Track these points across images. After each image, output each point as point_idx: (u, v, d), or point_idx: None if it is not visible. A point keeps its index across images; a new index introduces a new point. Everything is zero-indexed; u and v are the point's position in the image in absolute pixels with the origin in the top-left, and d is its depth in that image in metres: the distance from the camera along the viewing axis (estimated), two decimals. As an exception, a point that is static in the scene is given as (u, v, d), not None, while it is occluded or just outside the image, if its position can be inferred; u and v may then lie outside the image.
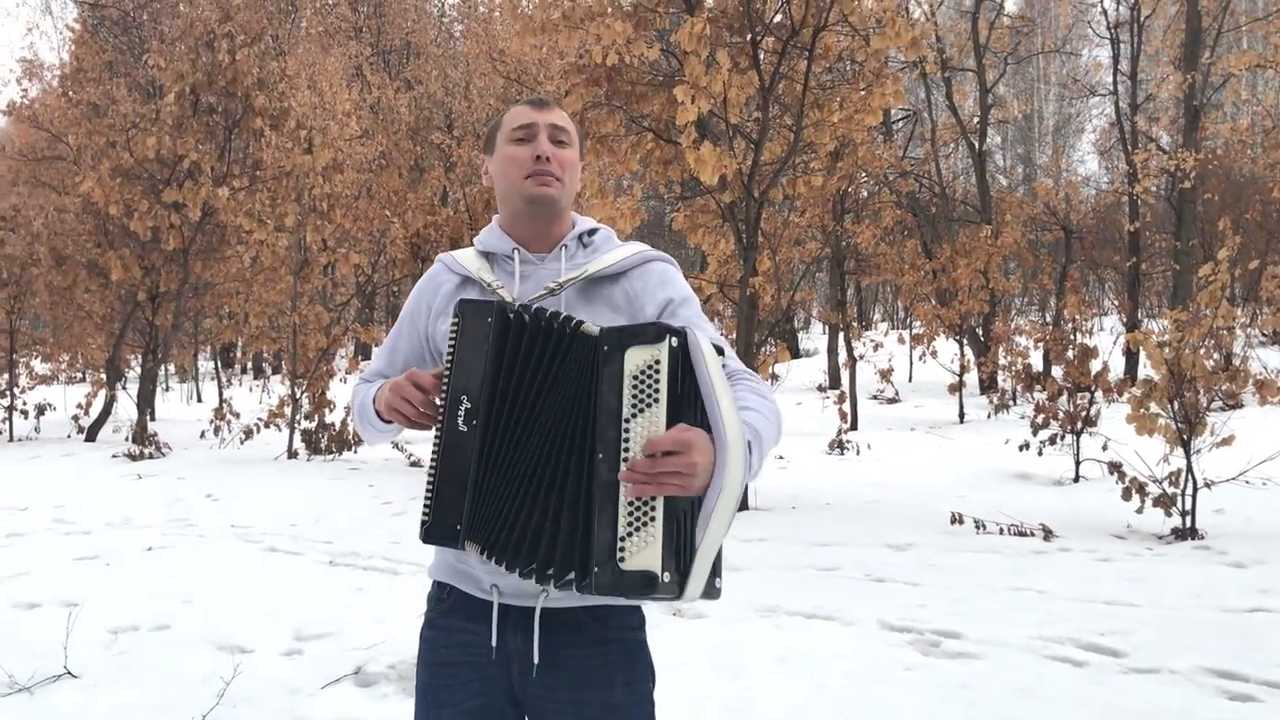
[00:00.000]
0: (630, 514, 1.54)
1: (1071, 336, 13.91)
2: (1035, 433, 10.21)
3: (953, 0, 28.19)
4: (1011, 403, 17.05)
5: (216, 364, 24.37)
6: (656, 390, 1.56)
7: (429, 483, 1.79)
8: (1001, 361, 18.28)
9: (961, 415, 16.40)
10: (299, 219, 12.57)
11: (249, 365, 34.08)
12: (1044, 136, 45.67)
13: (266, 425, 12.87)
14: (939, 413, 17.42)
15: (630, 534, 1.53)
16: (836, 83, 10.30)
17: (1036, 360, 19.06)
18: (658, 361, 1.56)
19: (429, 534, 1.78)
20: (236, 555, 7.05)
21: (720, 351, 1.71)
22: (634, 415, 1.56)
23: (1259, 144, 22.82)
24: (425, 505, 1.78)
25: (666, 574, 1.51)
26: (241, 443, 13.15)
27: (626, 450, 1.55)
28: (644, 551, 1.52)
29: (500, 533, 1.69)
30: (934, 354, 18.78)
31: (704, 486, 1.55)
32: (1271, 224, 20.28)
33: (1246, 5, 25.93)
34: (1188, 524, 7.29)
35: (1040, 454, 10.16)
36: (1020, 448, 10.35)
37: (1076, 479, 9.85)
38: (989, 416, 16.51)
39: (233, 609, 5.54)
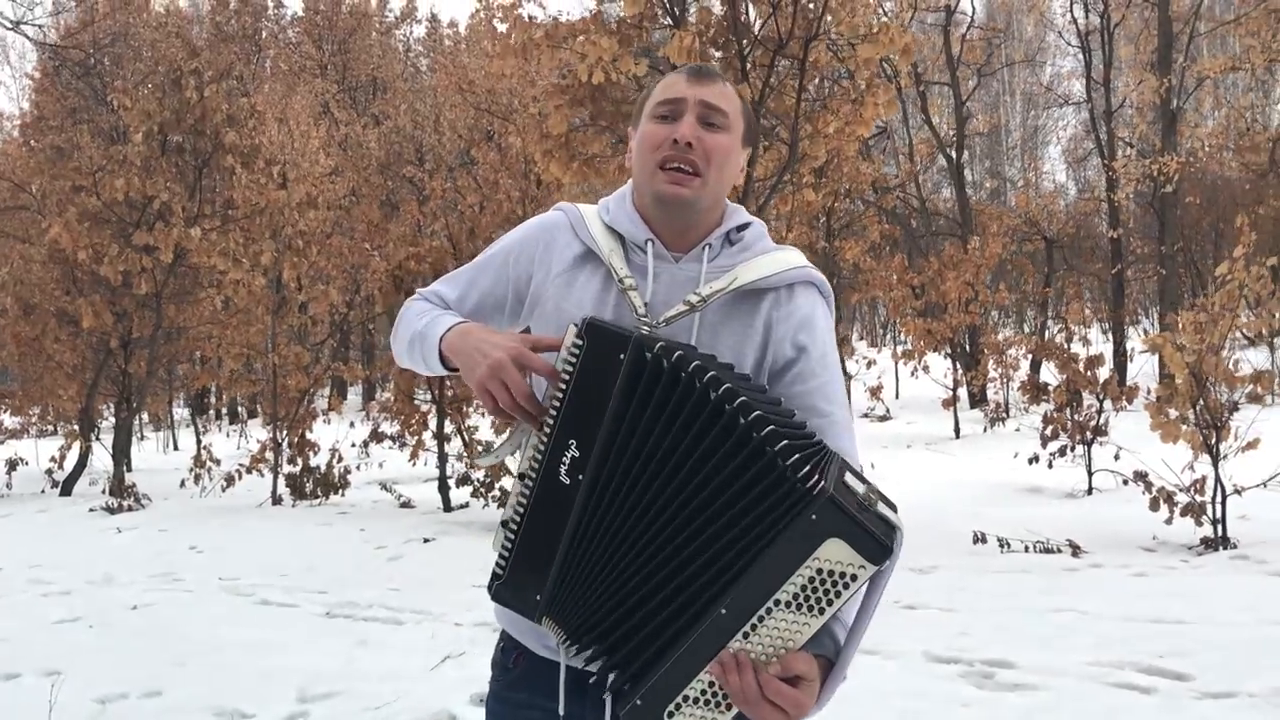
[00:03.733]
0: (708, 687, 1.34)
1: (1065, 345, 13.74)
2: (1045, 444, 9.95)
3: (920, 14, 28.22)
4: (1005, 415, 16.86)
5: (195, 410, 23.89)
6: (829, 602, 1.29)
7: (511, 530, 1.46)
8: (992, 374, 18.13)
9: (957, 430, 16.16)
10: (275, 256, 12.23)
11: (223, 410, 33.54)
12: (1012, 150, 45.90)
13: (249, 471, 12.44)
14: (932, 429, 17.17)
15: (697, 700, 1.35)
16: (826, 95, 10.08)
17: (1023, 371, 18.91)
18: (854, 578, 1.27)
19: (500, 595, 1.48)
20: (228, 610, 6.66)
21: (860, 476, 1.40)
22: (787, 605, 1.29)
23: (1229, 147, 22.89)
24: (501, 557, 1.46)
25: None
26: (224, 490, 12.72)
27: (751, 630, 1.30)
28: None
29: (587, 622, 1.42)
30: (926, 369, 18.55)
31: None
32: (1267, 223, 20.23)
33: (1219, 9, 26.06)
34: (1219, 533, 7.02)
35: (1050, 466, 9.90)
36: (1030, 460, 10.08)
37: (1090, 491, 9.59)
38: (984, 430, 16.28)
39: (229, 669, 5.17)
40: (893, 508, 1.33)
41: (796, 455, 1.28)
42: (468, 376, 1.52)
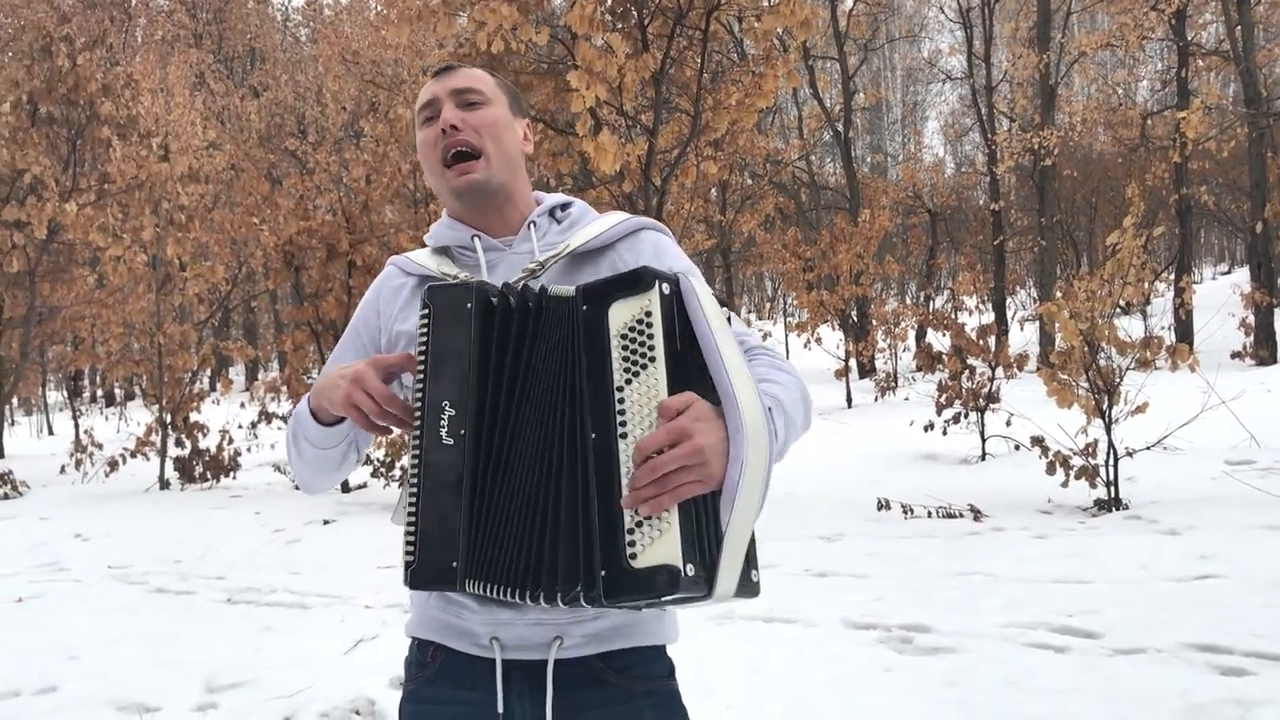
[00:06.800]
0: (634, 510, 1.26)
1: (953, 314, 14.03)
2: (939, 412, 10.15)
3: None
4: (894, 385, 17.18)
5: (70, 393, 22.93)
6: (651, 348, 1.28)
7: (410, 514, 1.40)
8: (881, 345, 18.45)
9: (849, 400, 16.43)
10: (158, 231, 11.75)
11: (99, 393, 32.32)
12: (892, 125, 46.68)
13: (134, 455, 11.98)
14: (825, 399, 17.40)
15: (639, 524, 1.23)
16: (718, 67, 10.07)
17: (910, 341, 19.29)
18: (648, 314, 1.28)
19: (417, 578, 1.38)
20: (120, 599, 6.40)
21: (724, 306, 1.39)
22: (628, 382, 1.27)
23: (1102, 122, 23.65)
24: (408, 543, 1.39)
25: (690, 566, 1.21)
26: (107, 475, 12.23)
27: (623, 424, 1.26)
28: (658, 544, 1.22)
29: (500, 561, 1.34)
30: (819, 341, 18.79)
31: (723, 467, 1.26)
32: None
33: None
34: (1112, 494, 7.25)
35: (945, 434, 10.11)
36: (925, 428, 10.28)
37: (983, 456, 9.82)
38: (875, 400, 16.58)
39: (128, 661, 4.95)
40: None
41: (572, 289, 1.35)
42: (336, 404, 1.48)
